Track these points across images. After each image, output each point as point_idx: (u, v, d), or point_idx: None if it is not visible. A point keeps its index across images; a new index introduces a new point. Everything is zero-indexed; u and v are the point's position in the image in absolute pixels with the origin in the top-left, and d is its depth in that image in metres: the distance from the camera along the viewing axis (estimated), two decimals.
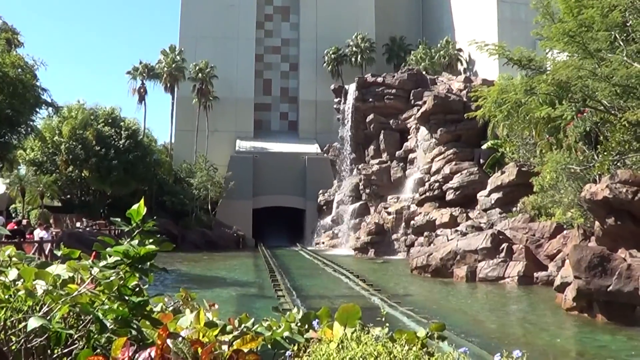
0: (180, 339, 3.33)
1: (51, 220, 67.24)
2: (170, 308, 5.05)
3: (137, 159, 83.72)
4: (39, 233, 38.73)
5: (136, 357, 3.17)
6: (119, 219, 4.59)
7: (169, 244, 4.65)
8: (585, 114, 33.50)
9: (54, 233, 44.69)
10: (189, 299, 5.13)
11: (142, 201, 4.50)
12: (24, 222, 46.21)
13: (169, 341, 3.25)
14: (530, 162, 49.84)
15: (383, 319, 5.20)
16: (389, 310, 27.42)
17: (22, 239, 35.49)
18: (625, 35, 27.43)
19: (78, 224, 69.39)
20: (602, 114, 30.73)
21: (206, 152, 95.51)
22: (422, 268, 47.07)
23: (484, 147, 65.45)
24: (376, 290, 35.37)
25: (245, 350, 3.46)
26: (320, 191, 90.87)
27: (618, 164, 30.33)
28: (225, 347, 3.49)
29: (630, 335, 23.26)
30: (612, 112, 28.29)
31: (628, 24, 27.40)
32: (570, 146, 37.29)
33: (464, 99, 69.63)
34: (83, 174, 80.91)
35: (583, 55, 27.58)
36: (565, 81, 27.00)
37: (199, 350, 3.22)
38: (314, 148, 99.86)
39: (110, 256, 4.33)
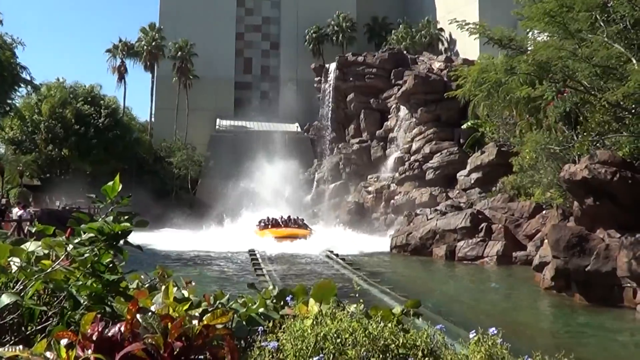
0: (149, 313, 3.29)
1: (30, 199, 67.03)
2: (147, 285, 5.01)
3: (117, 138, 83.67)
4: (17, 212, 38.60)
5: (106, 332, 3.12)
6: (93, 195, 4.55)
7: (145, 221, 4.61)
8: (565, 94, 33.57)
9: (32, 212, 44.53)
10: (166, 276, 5.08)
11: (117, 177, 4.45)
12: (3, 201, 46.00)
13: (138, 316, 3.22)
14: (510, 142, 49.95)
15: (357, 295, 5.19)
16: (368, 288, 27.53)
17: (1, 218, 35.36)
18: (605, 16, 27.44)
19: (57, 203, 69.19)
20: (582, 95, 30.77)
21: (186, 130, 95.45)
22: (402, 247, 47.28)
23: (464, 127, 65.55)
24: (355, 268, 35.45)
25: (218, 326, 3.43)
26: (301, 170, 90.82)
27: (597, 144, 30.47)
28: (195, 322, 3.45)
29: (608, 314, 23.39)
30: (592, 92, 28.31)
31: (609, 5, 27.40)
32: (550, 126, 37.41)
33: (445, 79, 69.63)
34: (63, 153, 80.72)
35: (564, 36, 27.58)
36: (545, 61, 26.99)
37: (169, 324, 3.18)
38: (294, 127, 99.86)
39: (84, 233, 4.29)
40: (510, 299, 29.54)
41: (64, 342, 3.12)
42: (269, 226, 61.87)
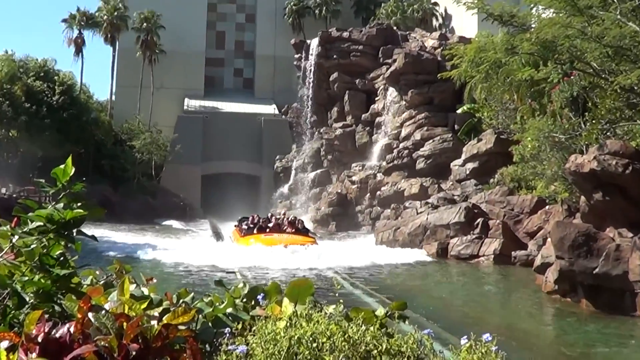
0: (103, 312, 3.26)
1: None
2: (102, 282, 4.97)
3: (73, 118, 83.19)
4: None
5: (53, 333, 3.09)
6: (42, 180, 4.51)
7: (100, 209, 4.57)
8: (572, 77, 33.65)
9: None
10: (124, 272, 5.04)
11: (69, 160, 4.40)
12: None
13: (90, 315, 3.19)
14: (510, 129, 49.96)
15: (337, 295, 5.18)
16: (352, 290, 27.53)
17: None
18: None
19: (4, 190, 68.82)
20: (591, 78, 30.89)
21: (151, 111, 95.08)
22: (389, 243, 47.28)
23: (459, 111, 65.50)
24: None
25: (180, 327, 3.40)
26: (278, 157, 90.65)
27: (607, 133, 30.53)
28: (154, 322, 3.42)
29: (618, 323, 23.30)
30: (603, 75, 28.44)
31: None
32: (554, 112, 37.48)
33: (439, 58, 69.55)
34: (10, 134, 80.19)
35: (571, 12, 27.63)
36: (550, 40, 27.06)
37: (124, 324, 3.15)
38: (271, 109, 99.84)
39: (32, 222, 4.24)
40: (507, 303, 29.60)
41: (4, 344, 3.09)
42: (254, 230, 47.09)
